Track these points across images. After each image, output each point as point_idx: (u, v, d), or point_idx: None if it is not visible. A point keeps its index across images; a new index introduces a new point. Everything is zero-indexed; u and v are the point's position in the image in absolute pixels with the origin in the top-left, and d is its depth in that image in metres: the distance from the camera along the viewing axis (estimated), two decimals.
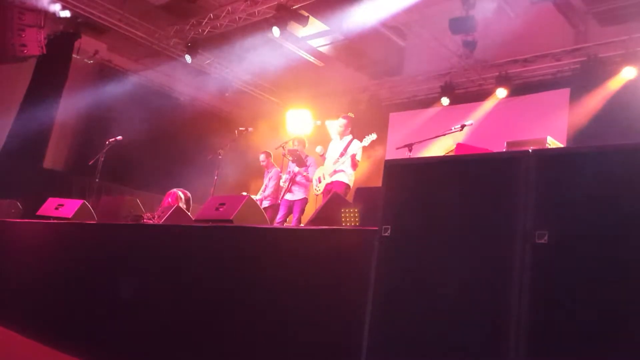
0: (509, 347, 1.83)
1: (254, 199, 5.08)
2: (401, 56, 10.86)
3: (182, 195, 6.68)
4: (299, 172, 6.82)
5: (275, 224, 6.47)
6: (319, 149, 6.66)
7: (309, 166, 6.87)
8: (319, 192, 6.40)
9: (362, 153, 6.45)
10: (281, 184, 7.21)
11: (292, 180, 6.75)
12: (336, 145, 6.52)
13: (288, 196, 6.84)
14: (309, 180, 6.80)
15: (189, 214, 4.91)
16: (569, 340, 1.75)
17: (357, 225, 2.98)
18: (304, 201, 6.84)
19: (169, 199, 7.10)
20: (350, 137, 6.47)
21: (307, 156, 7.00)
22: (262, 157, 7.78)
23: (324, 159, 6.56)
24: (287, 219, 6.93)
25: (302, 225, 6.00)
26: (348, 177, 6.30)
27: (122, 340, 3.64)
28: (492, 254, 1.98)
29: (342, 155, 6.30)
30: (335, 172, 6.30)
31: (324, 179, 6.38)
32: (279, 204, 7.03)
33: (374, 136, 6.19)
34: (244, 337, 2.94)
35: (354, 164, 6.26)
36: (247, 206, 3.66)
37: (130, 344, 3.58)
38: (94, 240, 4.39)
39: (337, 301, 2.54)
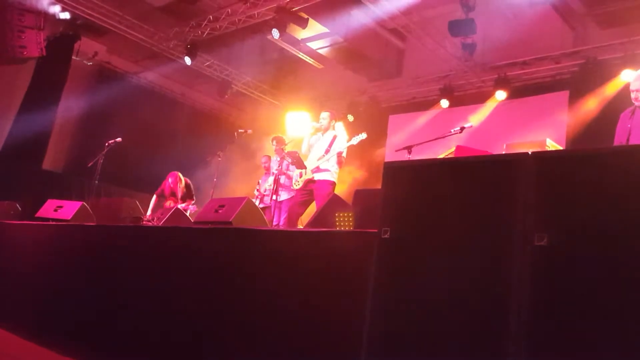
0: (509, 349, 1.83)
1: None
2: (400, 58, 10.90)
3: (183, 179, 6.70)
4: (281, 172, 6.57)
5: (280, 227, 6.40)
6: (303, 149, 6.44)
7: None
8: (298, 187, 6.12)
9: (361, 155, 6.34)
10: (266, 187, 7.19)
11: (277, 182, 6.50)
12: (320, 140, 6.19)
13: (275, 197, 6.63)
14: (290, 178, 6.61)
15: (188, 214, 4.92)
16: (568, 342, 1.75)
17: (353, 229, 2.98)
18: (291, 200, 6.67)
19: (170, 179, 7.17)
20: (334, 132, 6.18)
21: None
22: (263, 159, 7.77)
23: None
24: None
25: (300, 227, 5.97)
26: (333, 175, 6.00)
27: (122, 342, 3.64)
28: (491, 255, 1.98)
29: (327, 152, 5.98)
30: (319, 170, 5.98)
31: (305, 174, 6.08)
32: (269, 206, 6.95)
33: (363, 135, 5.92)
34: (243, 339, 2.94)
35: (340, 162, 6.00)
36: (246, 208, 3.66)
37: (130, 346, 3.57)
38: (93, 242, 4.38)
39: (337, 303, 2.54)
